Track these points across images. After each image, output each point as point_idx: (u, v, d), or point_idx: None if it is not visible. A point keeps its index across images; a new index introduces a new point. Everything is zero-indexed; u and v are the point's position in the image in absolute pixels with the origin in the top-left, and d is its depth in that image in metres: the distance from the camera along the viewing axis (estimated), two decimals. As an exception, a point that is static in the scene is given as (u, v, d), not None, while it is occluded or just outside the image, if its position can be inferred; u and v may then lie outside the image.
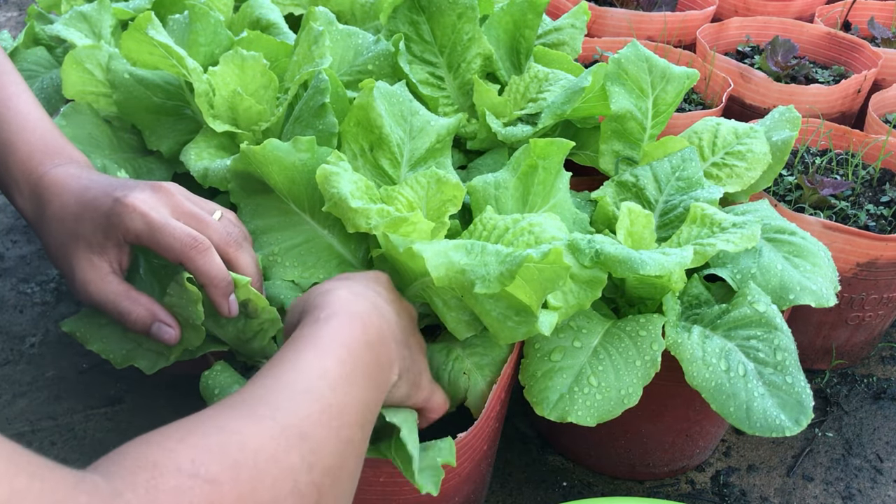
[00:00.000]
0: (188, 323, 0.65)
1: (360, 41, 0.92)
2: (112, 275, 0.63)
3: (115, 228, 0.61)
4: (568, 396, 0.68)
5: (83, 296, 0.64)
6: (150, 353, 0.69)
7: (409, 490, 0.67)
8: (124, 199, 0.61)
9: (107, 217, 0.61)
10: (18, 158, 0.68)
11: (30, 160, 0.68)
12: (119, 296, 0.63)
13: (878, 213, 1.05)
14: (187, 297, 0.63)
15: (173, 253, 0.60)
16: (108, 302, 0.63)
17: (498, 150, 0.92)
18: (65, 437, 0.97)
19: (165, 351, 0.68)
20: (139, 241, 0.62)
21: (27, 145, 0.68)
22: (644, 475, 0.94)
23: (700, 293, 0.79)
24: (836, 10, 1.64)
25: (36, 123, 0.70)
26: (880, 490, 0.95)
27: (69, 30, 0.93)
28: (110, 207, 0.61)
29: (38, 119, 0.71)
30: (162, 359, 0.68)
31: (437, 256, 0.57)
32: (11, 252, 1.29)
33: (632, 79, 0.87)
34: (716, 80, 1.29)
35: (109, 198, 0.62)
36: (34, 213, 0.67)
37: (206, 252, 0.61)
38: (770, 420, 0.65)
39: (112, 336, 0.69)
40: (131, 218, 0.61)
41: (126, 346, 0.69)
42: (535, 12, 0.97)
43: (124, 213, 0.61)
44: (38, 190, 0.66)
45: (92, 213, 0.62)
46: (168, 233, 0.60)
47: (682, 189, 0.83)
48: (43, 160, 0.68)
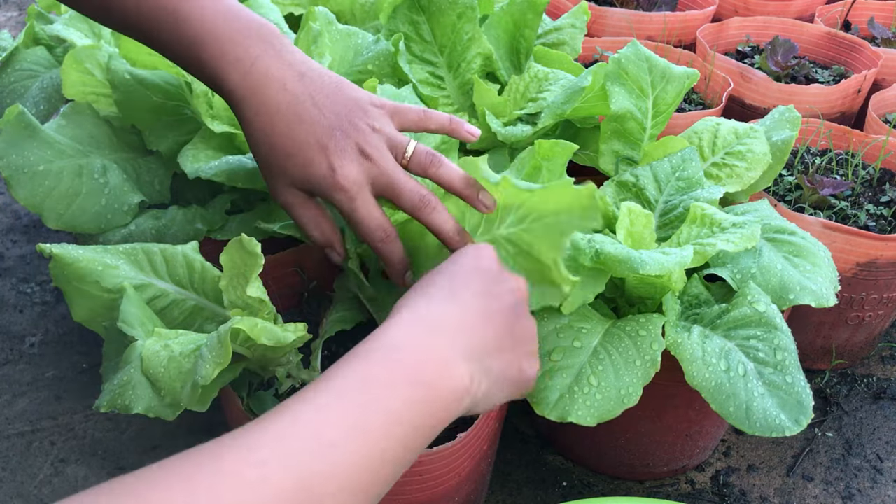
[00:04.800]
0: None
1: (360, 41, 0.92)
2: (309, 200, 0.66)
3: (323, 192, 0.63)
4: (568, 396, 0.68)
5: (276, 200, 0.66)
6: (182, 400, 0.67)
7: (411, 490, 0.67)
8: (337, 175, 0.62)
9: (318, 179, 0.63)
10: (209, 55, 0.63)
11: (222, 58, 0.63)
12: (310, 221, 0.67)
13: (878, 213, 1.05)
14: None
15: (365, 241, 0.65)
16: (299, 219, 0.67)
17: (498, 150, 0.92)
18: (65, 437, 0.97)
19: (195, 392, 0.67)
20: (340, 214, 0.65)
21: (216, 41, 0.63)
22: (644, 475, 0.94)
23: (700, 293, 0.79)
24: (836, 10, 1.64)
25: (216, 12, 0.64)
26: (880, 490, 0.95)
27: (69, 30, 0.93)
28: (323, 176, 0.62)
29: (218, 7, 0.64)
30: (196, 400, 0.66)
31: None
32: (11, 252, 1.29)
33: (632, 79, 0.87)
34: (716, 80, 1.29)
35: (325, 161, 0.62)
36: (234, 114, 0.66)
37: (392, 242, 0.65)
38: (770, 420, 0.65)
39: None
40: (339, 199, 0.63)
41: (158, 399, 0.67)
42: (535, 12, 0.97)
43: (334, 190, 0.62)
44: (235, 97, 0.63)
45: (302, 162, 0.63)
46: (364, 225, 0.64)
47: (682, 189, 0.83)
48: (235, 61, 0.63)
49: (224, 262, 0.65)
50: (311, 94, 0.63)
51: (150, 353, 0.63)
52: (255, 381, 0.75)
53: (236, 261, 0.64)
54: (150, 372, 0.63)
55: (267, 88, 0.62)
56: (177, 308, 0.73)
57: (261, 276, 0.64)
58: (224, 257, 0.65)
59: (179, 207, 0.87)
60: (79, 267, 0.69)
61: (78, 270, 0.69)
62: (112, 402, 0.64)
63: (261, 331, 0.59)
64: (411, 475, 0.66)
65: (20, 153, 0.80)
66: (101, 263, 0.70)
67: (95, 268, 0.70)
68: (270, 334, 0.59)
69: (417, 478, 0.66)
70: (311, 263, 0.87)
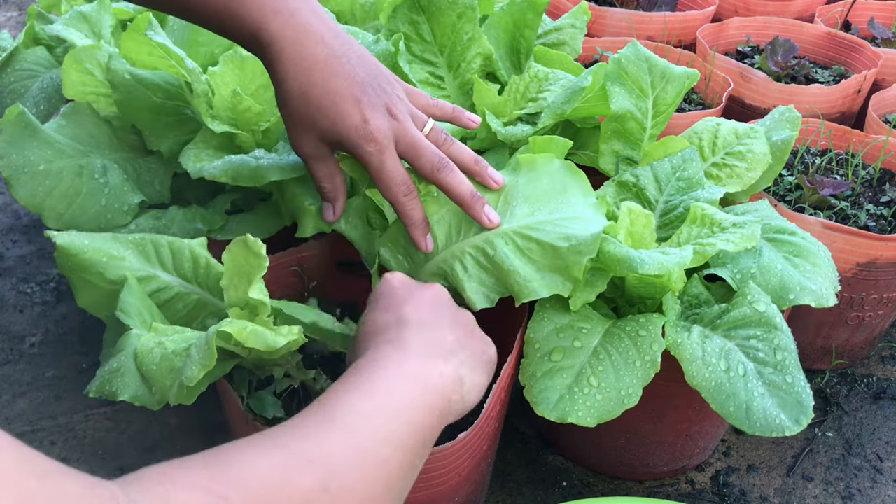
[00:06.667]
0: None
1: (360, 41, 0.92)
2: (331, 157, 0.70)
3: (353, 142, 0.65)
4: (568, 397, 0.68)
5: (298, 151, 0.69)
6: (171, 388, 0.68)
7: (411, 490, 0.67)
8: (370, 125, 0.65)
9: (350, 130, 0.65)
10: (249, 7, 0.65)
11: (262, 9, 0.65)
12: (326, 174, 0.70)
13: (878, 213, 1.05)
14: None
15: (387, 196, 0.67)
16: (316, 171, 0.70)
17: (498, 150, 0.92)
18: (65, 436, 0.97)
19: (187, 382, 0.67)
20: (365, 168, 0.67)
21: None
22: (644, 475, 0.94)
23: (700, 293, 0.79)
24: (836, 10, 1.64)
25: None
26: (880, 490, 0.95)
27: (69, 30, 0.93)
28: (355, 126, 0.65)
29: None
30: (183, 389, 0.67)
31: None
32: (11, 252, 1.29)
33: (632, 79, 0.87)
34: (716, 80, 1.29)
35: (358, 112, 0.65)
36: (267, 67, 0.67)
37: (416, 199, 0.69)
38: (770, 420, 0.65)
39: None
40: (369, 151, 0.65)
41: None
42: (535, 12, 0.97)
43: (366, 141, 0.65)
44: (274, 48, 0.65)
45: (335, 113, 0.65)
46: (391, 177, 0.66)
47: (682, 189, 0.83)
48: (274, 12, 0.65)
49: (226, 261, 0.65)
50: (346, 52, 0.66)
51: (144, 350, 0.63)
52: (255, 379, 0.75)
53: (239, 261, 0.64)
54: (143, 368, 0.63)
55: (306, 40, 0.64)
56: (181, 301, 0.73)
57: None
58: (226, 256, 0.64)
59: (180, 207, 0.87)
60: (84, 258, 0.69)
61: (83, 261, 0.70)
62: (101, 388, 0.65)
63: (250, 335, 0.58)
64: (411, 475, 0.66)
65: (20, 153, 0.80)
66: (107, 254, 0.70)
67: (100, 259, 0.70)
68: (260, 339, 0.58)
69: (418, 477, 0.66)
70: (311, 263, 0.87)
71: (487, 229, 0.68)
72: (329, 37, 0.65)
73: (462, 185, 0.67)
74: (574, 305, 0.71)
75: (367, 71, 0.66)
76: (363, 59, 0.67)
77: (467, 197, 0.67)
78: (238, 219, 0.88)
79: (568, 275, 0.66)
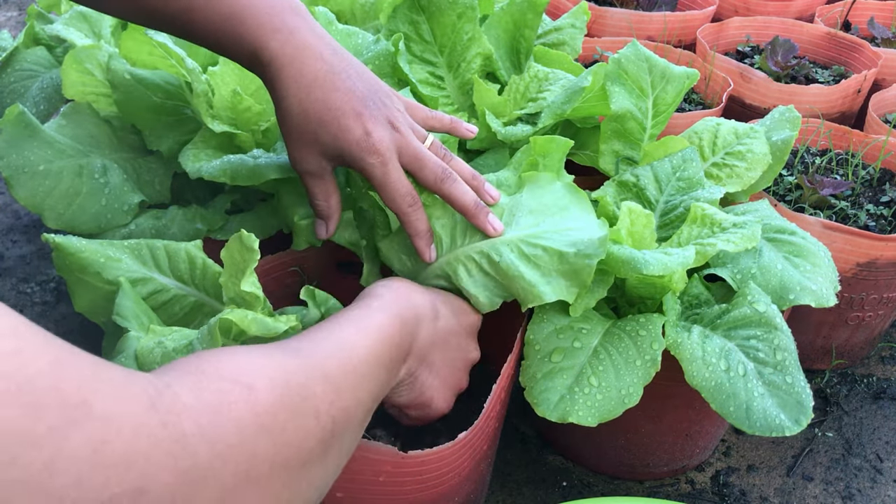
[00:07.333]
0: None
1: (360, 41, 0.92)
2: (330, 174, 0.70)
3: (355, 156, 0.66)
4: (568, 397, 0.68)
5: (297, 168, 0.69)
6: None
7: (410, 489, 0.67)
8: (372, 138, 0.65)
9: (352, 143, 0.65)
10: (248, 27, 0.66)
11: (261, 28, 0.66)
12: (322, 191, 0.71)
13: (878, 213, 1.05)
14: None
15: (392, 207, 0.68)
16: (313, 188, 0.70)
17: (498, 150, 0.92)
18: (65, 437, 0.97)
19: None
20: (369, 181, 0.67)
21: (254, 14, 0.66)
22: (644, 475, 0.94)
23: (700, 293, 0.79)
24: (836, 10, 1.64)
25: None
26: (880, 490, 0.95)
27: (69, 30, 0.93)
28: (357, 140, 0.65)
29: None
30: None
31: None
32: (11, 252, 1.29)
33: (632, 79, 0.87)
34: (716, 80, 1.29)
35: (360, 126, 0.65)
36: (267, 85, 0.68)
37: (420, 209, 0.69)
38: (770, 420, 0.65)
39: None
40: (372, 163, 0.65)
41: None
42: (534, 12, 0.97)
43: (369, 153, 0.65)
44: (275, 66, 0.65)
45: (336, 128, 0.65)
46: (395, 189, 0.67)
47: (682, 189, 0.83)
48: (274, 31, 0.66)
49: (224, 258, 0.65)
50: (345, 68, 0.67)
51: (145, 350, 0.63)
52: None
53: (235, 257, 0.65)
54: (145, 368, 0.63)
55: (305, 57, 0.65)
56: (178, 304, 0.73)
57: (262, 276, 0.64)
58: (224, 253, 0.65)
59: (179, 207, 0.87)
60: (81, 258, 0.70)
61: (80, 261, 0.70)
62: None
63: (252, 322, 0.59)
64: (411, 475, 0.66)
65: (20, 153, 0.80)
66: (104, 255, 0.71)
67: (98, 259, 0.70)
68: (261, 325, 0.60)
69: (417, 478, 0.66)
70: (311, 263, 0.87)
71: (491, 238, 0.68)
72: (328, 53, 0.66)
73: (466, 195, 0.68)
74: (574, 312, 0.71)
75: (367, 86, 0.67)
76: (362, 74, 0.68)
77: (471, 206, 0.68)
78: (238, 219, 0.88)
79: (576, 279, 0.66)
